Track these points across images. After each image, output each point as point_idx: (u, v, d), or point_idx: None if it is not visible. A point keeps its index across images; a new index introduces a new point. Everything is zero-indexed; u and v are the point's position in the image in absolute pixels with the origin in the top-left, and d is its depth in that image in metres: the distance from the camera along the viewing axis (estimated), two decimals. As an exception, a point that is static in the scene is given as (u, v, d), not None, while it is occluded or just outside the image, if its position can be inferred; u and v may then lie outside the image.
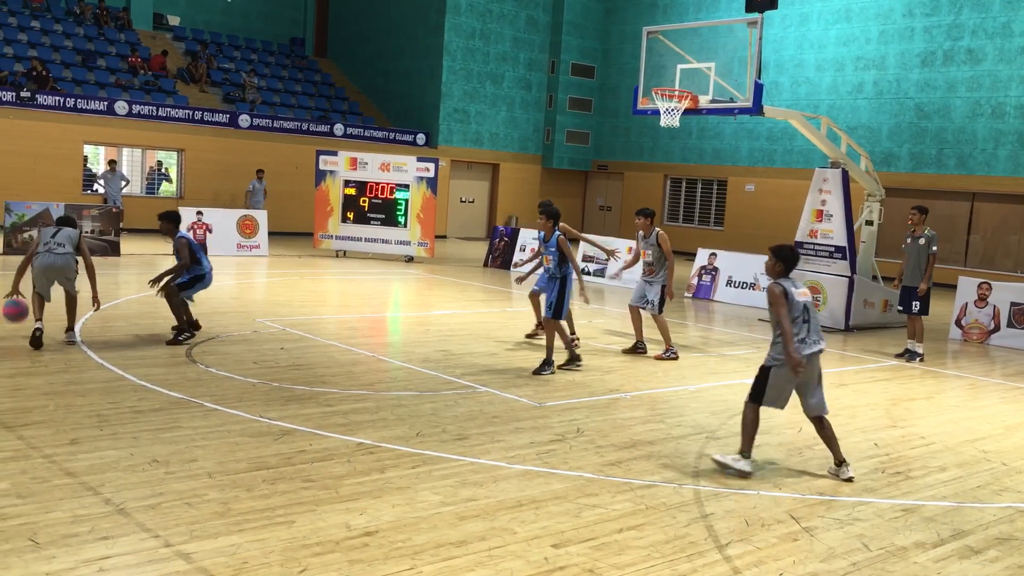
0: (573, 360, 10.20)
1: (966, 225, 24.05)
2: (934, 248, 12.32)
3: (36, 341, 9.53)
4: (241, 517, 5.26)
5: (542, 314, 10.68)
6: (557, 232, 10.14)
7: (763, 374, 6.82)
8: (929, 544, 5.59)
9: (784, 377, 6.69)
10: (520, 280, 11.28)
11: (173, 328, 10.46)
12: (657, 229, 11.48)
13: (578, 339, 11.46)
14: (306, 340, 10.95)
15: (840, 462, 6.85)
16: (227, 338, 10.71)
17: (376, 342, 11.82)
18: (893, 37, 25.26)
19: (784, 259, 6.84)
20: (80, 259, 10.09)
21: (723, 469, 6.75)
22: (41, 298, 9.79)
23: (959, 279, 15.33)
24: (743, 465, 6.71)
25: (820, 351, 6.77)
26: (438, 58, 30.19)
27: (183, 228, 19.87)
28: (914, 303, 12.40)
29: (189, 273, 10.54)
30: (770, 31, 26.48)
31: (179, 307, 10.39)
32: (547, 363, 9.89)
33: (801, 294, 6.74)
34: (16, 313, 9.56)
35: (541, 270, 11.00)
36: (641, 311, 11.63)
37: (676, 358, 11.26)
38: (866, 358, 12.50)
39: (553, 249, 10.09)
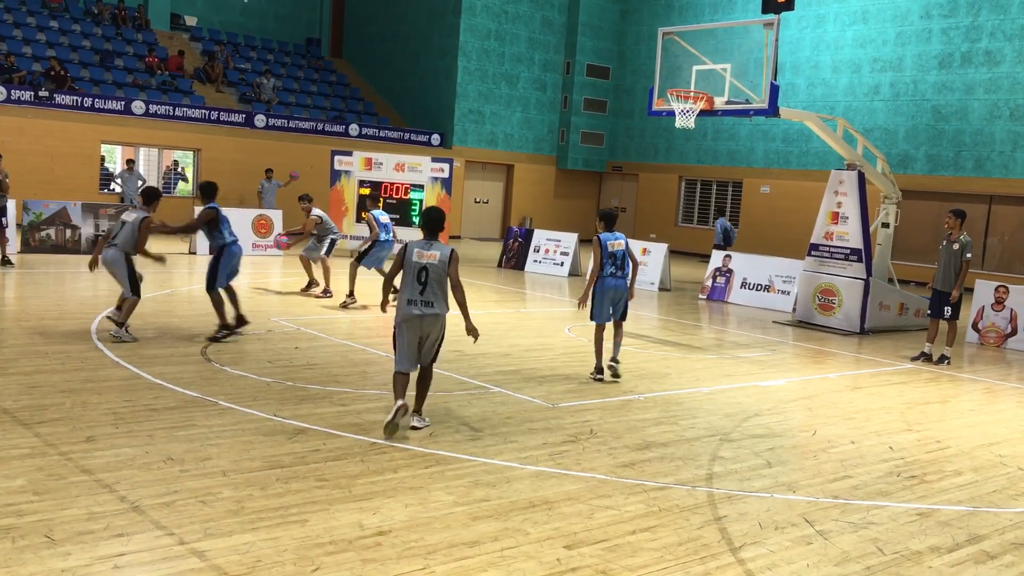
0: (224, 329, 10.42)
1: (983, 228, 23.88)
2: (968, 255, 12.20)
3: None
4: (255, 515, 5.28)
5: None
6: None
7: (394, 335, 7.46)
8: (944, 549, 5.56)
9: (402, 333, 7.36)
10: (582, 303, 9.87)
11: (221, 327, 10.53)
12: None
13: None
14: (320, 339, 10.98)
15: (417, 411, 7.37)
16: (242, 337, 10.75)
17: (390, 342, 11.81)
18: (910, 39, 25.12)
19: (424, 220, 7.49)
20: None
21: None
22: None
23: (976, 282, 15.22)
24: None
25: (424, 315, 7.27)
26: (453, 59, 30.23)
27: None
28: (946, 308, 12.33)
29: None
30: (786, 32, 26.38)
31: (219, 303, 10.57)
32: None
33: (425, 256, 7.28)
34: None
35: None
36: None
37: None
38: (881, 361, 12.43)
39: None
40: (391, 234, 14.72)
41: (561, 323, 13.69)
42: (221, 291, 10.58)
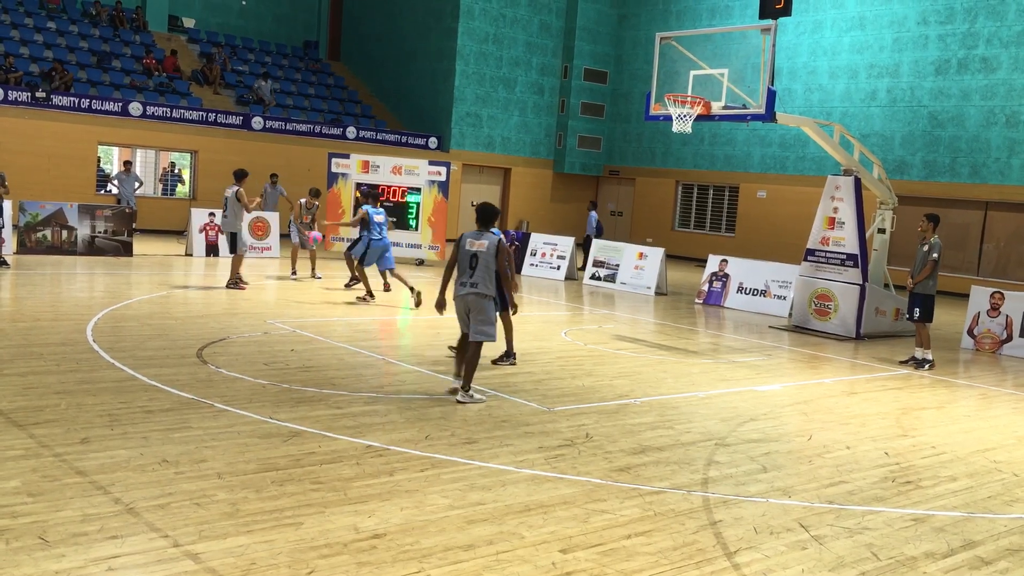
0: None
1: (979, 234, 23.94)
2: (933, 255, 12.28)
3: None
4: (250, 518, 5.27)
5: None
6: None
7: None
8: (939, 554, 5.56)
9: (456, 307, 8.68)
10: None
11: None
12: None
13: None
14: (316, 342, 10.98)
15: (466, 387, 8.49)
16: (238, 339, 10.75)
17: (386, 345, 11.83)
18: (907, 45, 25.19)
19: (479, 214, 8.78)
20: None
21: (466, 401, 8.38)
22: None
23: (972, 288, 15.25)
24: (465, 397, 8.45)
25: (468, 294, 8.49)
26: (451, 62, 30.25)
27: (196, 223, 19.95)
28: (915, 309, 12.40)
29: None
30: (783, 38, 26.42)
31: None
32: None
33: (475, 245, 8.56)
34: None
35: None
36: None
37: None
38: (877, 366, 12.45)
39: None
40: (384, 234, 14.66)
41: (557, 327, 13.70)
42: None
